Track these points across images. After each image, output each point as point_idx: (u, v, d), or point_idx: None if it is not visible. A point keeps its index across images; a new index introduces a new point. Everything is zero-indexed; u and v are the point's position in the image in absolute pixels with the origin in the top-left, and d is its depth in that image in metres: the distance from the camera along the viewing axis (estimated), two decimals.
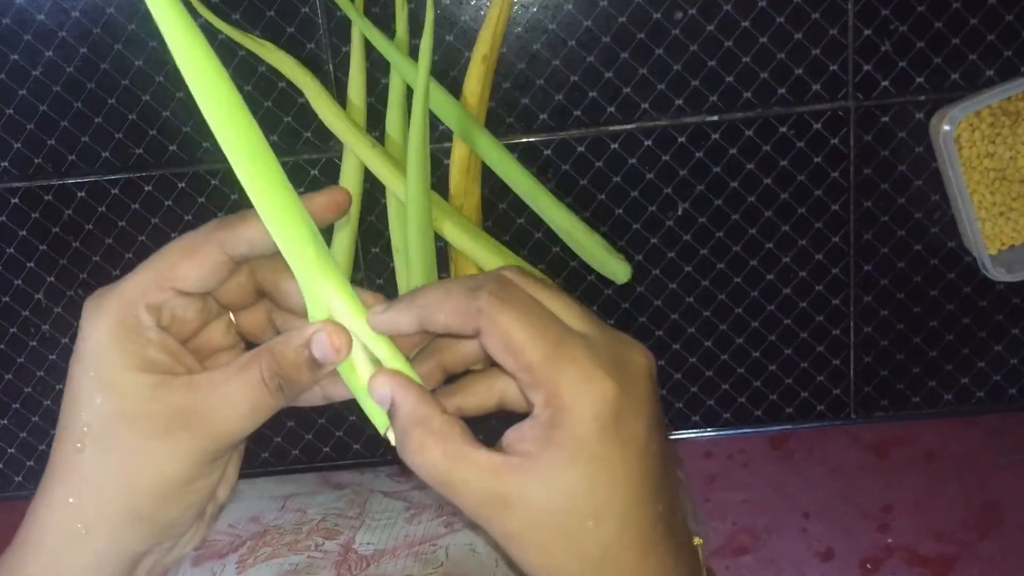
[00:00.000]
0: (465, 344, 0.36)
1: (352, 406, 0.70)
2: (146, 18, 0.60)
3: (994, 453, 1.36)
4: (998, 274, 0.60)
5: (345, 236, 0.61)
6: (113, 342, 0.33)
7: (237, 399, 0.33)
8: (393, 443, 0.33)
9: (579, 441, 0.29)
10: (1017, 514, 1.35)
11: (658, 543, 0.31)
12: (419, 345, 0.36)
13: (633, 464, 0.30)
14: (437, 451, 0.30)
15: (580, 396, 0.29)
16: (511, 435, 0.30)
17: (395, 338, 0.34)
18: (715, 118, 0.61)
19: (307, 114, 0.60)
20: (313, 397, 0.36)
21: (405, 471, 0.56)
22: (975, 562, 1.34)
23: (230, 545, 0.51)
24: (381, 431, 0.34)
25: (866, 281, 0.63)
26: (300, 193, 0.33)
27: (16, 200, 0.63)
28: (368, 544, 0.49)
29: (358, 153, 0.59)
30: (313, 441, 0.66)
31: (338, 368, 0.34)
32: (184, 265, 0.34)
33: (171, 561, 0.37)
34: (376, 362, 0.34)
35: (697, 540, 0.35)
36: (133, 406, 0.32)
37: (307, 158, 0.62)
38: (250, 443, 0.66)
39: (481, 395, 0.35)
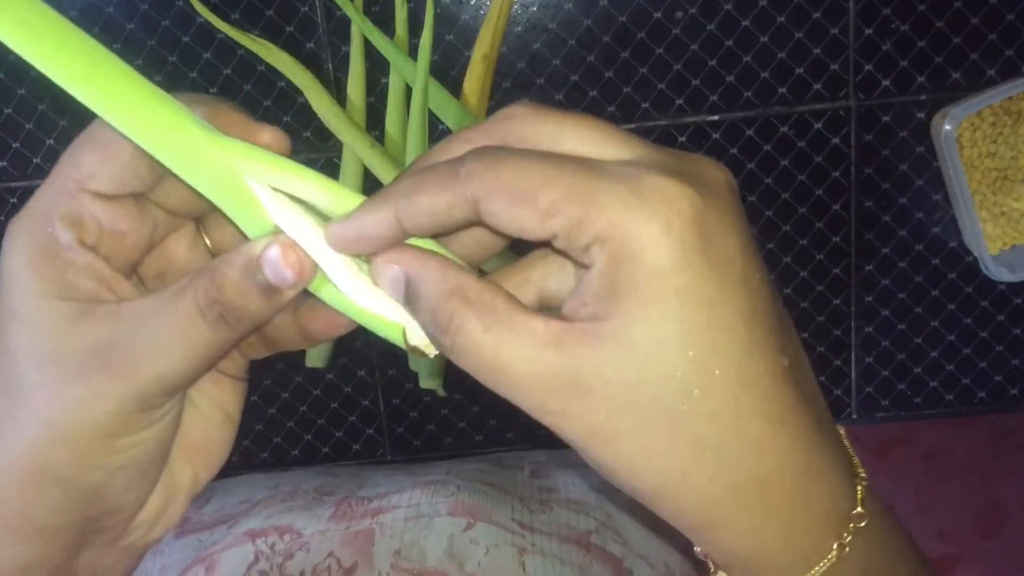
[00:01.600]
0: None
1: (351, 404, 0.70)
2: (145, 17, 0.60)
3: (995, 453, 1.36)
4: (999, 274, 0.60)
5: None
6: (27, 265, 0.26)
7: (166, 332, 0.25)
8: (418, 349, 0.26)
9: (655, 272, 0.21)
10: (1019, 514, 1.35)
11: (792, 409, 0.23)
12: None
13: (735, 294, 0.22)
14: (478, 324, 0.23)
15: (640, 212, 0.21)
16: (570, 303, 0.23)
17: None
18: (716, 118, 0.60)
19: (307, 114, 0.60)
20: (291, 338, 0.29)
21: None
22: (976, 562, 1.34)
23: (216, 521, 0.48)
24: (399, 341, 0.26)
25: (867, 281, 0.63)
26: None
27: (15, 200, 0.63)
28: (371, 493, 0.45)
29: (358, 153, 0.59)
30: (312, 441, 0.66)
31: (313, 290, 0.26)
32: (90, 160, 0.26)
33: (121, 555, 0.29)
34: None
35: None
36: (45, 341, 0.26)
37: (307, 157, 0.62)
38: (249, 442, 0.66)
39: (515, 291, 0.26)
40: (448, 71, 0.60)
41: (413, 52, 0.59)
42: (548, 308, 0.27)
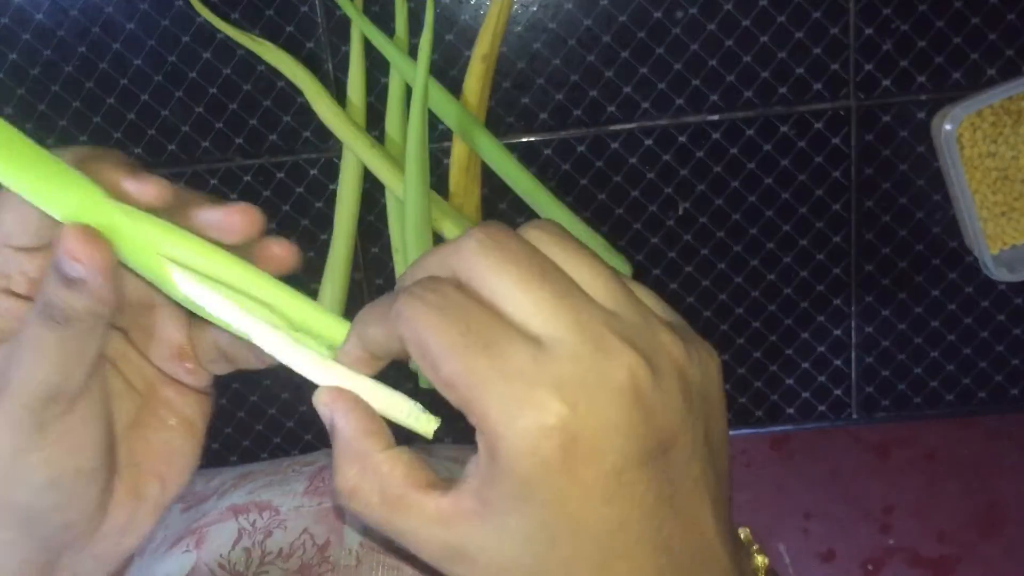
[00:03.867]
0: None
1: None
2: (145, 17, 0.60)
3: (996, 454, 1.36)
4: (1000, 274, 0.60)
5: (344, 237, 0.61)
6: None
7: (25, 346, 0.28)
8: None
9: (521, 481, 0.23)
10: (1019, 515, 1.35)
11: None
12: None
13: (601, 509, 0.23)
14: (374, 496, 0.25)
15: (512, 422, 0.23)
16: (469, 465, 0.25)
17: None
18: (716, 117, 0.60)
19: (307, 114, 0.60)
20: (247, 359, 0.31)
21: None
22: (977, 563, 1.34)
23: (214, 491, 0.51)
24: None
25: (867, 281, 0.63)
26: (298, 192, 0.30)
27: None
28: None
29: (358, 153, 0.59)
30: (312, 442, 0.66)
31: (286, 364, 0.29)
32: (10, 219, 0.29)
33: (97, 561, 0.31)
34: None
35: (760, 560, 0.29)
36: None
37: (307, 158, 0.62)
38: (248, 442, 0.66)
39: None
40: (448, 71, 0.60)
41: (413, 52, 0.59)
42: None
